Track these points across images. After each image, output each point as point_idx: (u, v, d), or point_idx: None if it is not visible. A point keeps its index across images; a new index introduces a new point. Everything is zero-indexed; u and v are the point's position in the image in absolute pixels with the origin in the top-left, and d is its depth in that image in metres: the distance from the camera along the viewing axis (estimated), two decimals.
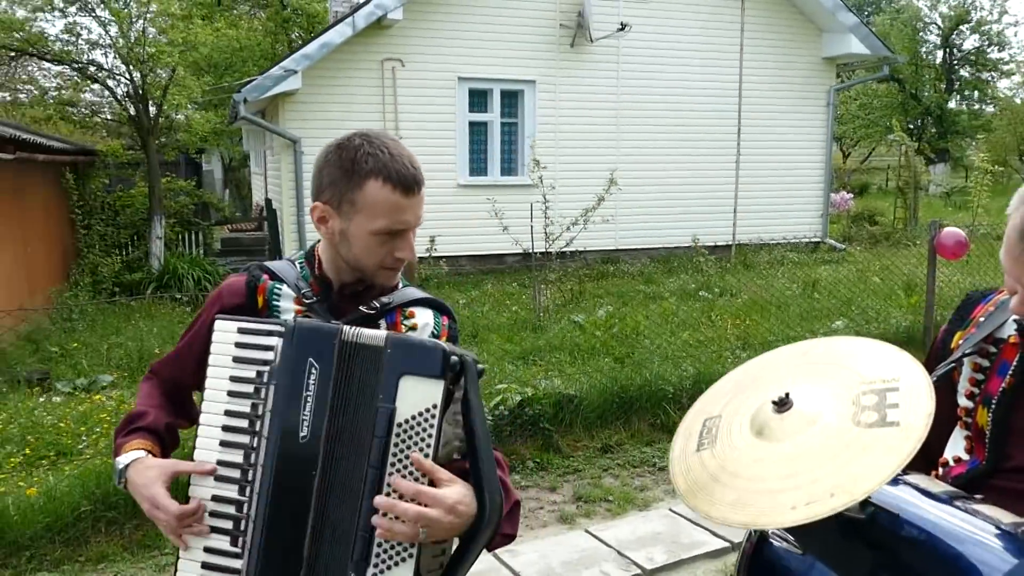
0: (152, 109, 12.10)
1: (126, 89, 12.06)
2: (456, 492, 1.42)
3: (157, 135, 12.39)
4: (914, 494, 1.36)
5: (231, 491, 1.56)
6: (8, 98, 13.37)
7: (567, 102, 13.73)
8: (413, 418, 1.42)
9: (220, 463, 1.58)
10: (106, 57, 11.80)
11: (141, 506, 1.60)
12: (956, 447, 1.67)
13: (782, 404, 1.35)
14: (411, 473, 1.41)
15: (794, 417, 1.33)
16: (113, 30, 11.51)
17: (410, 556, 1.39)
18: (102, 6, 11.36)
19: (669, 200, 14.46)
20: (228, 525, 1.56)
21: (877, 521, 1.30)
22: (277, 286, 1.77)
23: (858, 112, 34.18)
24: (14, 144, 8.16)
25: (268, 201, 14.39)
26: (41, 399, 6.79)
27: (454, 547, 1.51)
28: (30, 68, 13.54)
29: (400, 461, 1.42)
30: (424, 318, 1.79)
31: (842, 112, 31.44)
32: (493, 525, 1.47)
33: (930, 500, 1.36)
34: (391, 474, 1.42)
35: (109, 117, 13.03)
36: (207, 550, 1.58)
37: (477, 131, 13.68)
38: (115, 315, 9.92)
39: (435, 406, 1.40)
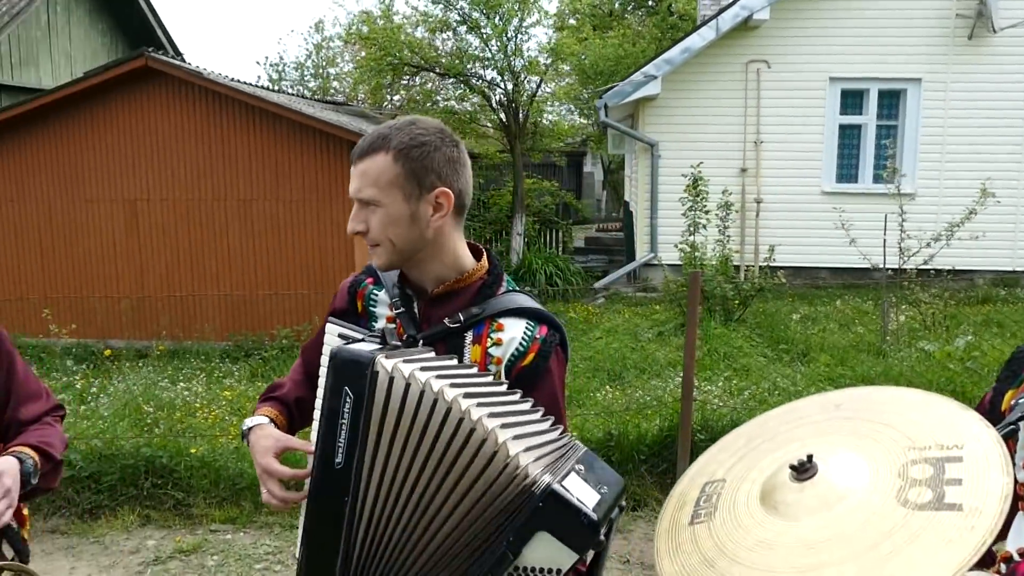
0: (521, 115, 13.09)
1: (499, 98, 13.17)
2: None
3: (523, 139, 13.35)
4: None
5: None
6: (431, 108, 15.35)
7: (960, 101, 12.12)
8: (531, 571, 1.39)
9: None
10: (485, 69, 13.00)
11: (256, 468, 1.74)
12: (1020, 536, 1.23)
13: (803, 470, 1.04)
14: None
15: (818, 488, 1.02)
16: (494, 45, 12.63)
17: None
18: (486, 22, 12.52)
19: None
20: None
21: None
22: (375, 291, 1.79)
23: None
24: None
25: (626, 203, 14.75)
26: None
27: None
28: (419, 81, 15.39)
29: None
30: (512, 332, 1.67)
31: None
32: None
33: None
34: None
35: (483, 123, 14.35)
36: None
37: (848, 135, 12.67)
38: None
39: (560, 571, 1.38)
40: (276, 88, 23.32)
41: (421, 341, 1.67)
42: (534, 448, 1.42)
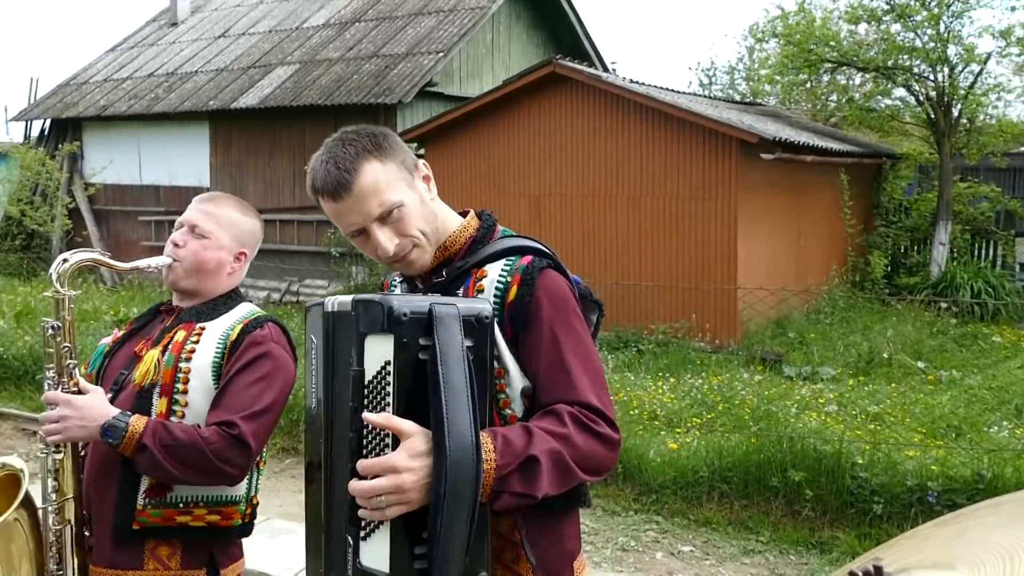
0: (954, 110, 11.55)
1: (927, 92, 11.77)
2: (404, 453, 1.30)
3: (954, 138, 11.75)
4: None
5: None
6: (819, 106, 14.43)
7: None
8: (375, 377, 1.36)
9: None
10: (912, 61, 11.66)
11: None
12: None
13: None
14: (378, 434, 1.36)
15: None
16: (925, 34, 11.37)
17: (380, 522, 1.34)
18: (918, 7, 11.30)
19: None
20: None
21: None
22: (395, 279, 1.83)
23: None
24: (781, 145, 8.90)
25: None
26: (753, 376, 7.41)
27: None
28: (837, 77, 14.32)
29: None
30: (492, 273, 1.58)
31: None
32: (468, 479, 1.29)
33: None
34: (366, 436, 1.37)
35: (908, 120, 12.86)
36: None
37: None
38: (870, 314, 9.97)
39: (388, 362, 1.33)
40: (706, 92, 23.54)
41: None
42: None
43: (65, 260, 2.04)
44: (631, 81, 10.20)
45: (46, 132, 16.99)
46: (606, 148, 9.58)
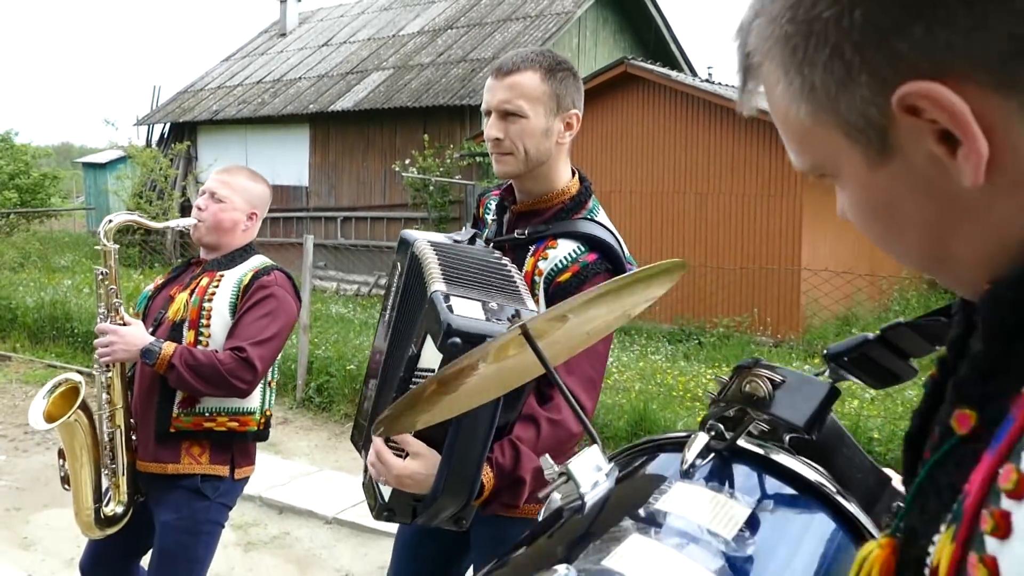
0: None
1: None
2: (408, 467, 1.54)
3: None
4: None
5: None
6: None
7: None
8: (422, 371, 1.52)
9: None
10: None
11: None
12: None
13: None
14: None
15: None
16: None
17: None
18: None
19: None
20: None
21: None
22: (492, 201, 2.01)
23: None
24: None
25: None
26: (803, 367, 7.49)
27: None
28: None
29: None
30: (561, 251, 1.76)
31: None
32: (452, 505, 1.51)
33: None
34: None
35: None
36: None
37: None
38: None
39: (433, 371, 1.47)
40: None
41: (492, 244, 1.89)
42: (465, 293, 1.53)
43: (110, 220, 2.58)
44: (705, 81, 10.38)
45: (165, 135, 18.37)
46: (675, 146, 9.80)
